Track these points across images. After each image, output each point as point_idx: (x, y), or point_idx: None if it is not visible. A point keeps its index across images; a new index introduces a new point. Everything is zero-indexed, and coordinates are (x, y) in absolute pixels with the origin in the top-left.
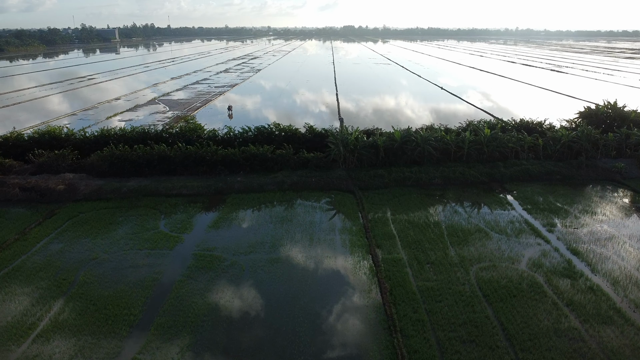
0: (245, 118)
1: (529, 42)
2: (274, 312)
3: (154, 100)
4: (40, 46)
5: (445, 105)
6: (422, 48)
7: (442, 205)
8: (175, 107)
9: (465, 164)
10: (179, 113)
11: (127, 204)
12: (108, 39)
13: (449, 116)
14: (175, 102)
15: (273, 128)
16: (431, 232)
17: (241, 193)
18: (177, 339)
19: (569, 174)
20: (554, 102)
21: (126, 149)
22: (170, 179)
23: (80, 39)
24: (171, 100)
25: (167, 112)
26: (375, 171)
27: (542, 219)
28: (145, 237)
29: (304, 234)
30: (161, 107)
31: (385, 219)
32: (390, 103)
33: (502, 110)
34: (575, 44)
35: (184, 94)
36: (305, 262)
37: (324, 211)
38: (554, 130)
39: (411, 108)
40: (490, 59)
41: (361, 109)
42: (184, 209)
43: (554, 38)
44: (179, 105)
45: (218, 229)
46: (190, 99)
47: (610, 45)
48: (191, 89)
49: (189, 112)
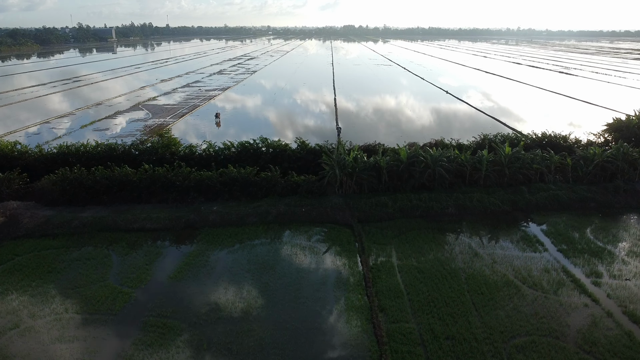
0: (235, 126)
1: (531, 43)
2: None
3: (137, 106)
4: (34, 46)
5: (453, 112)
6: (424, 48)
7: (458, 244)
8: (159, 113)
9: (483, 189)
10: (162, 121)
11: (76, 242)
12: (105, 38)
13: (458, 125)
14: (160, 107)
15: (259, 144)
16: (448, 286)
17: (216, 227)
18: None
19: (604, 200)
20: (572, 109)
21: (82, 171)
22: (134, 209)
23: (77, 38)
24: (156, 105)
25: (149, 119)
26: (378, 198)
27: (583, 266)
28: (87, 294)
29: (287, 290)
30: (143, 113)
31: (390, 265)
32: (392, 109)
33: (516, 119)
34: (578, 44)
35: (172, 99)
36: (286, 337)
37: (314, 254)
38: (583, 146)
39: (416, 114)
40: (495, 60)
41: (361, 115)
42: (144, 250)
43: (556, 38)
44: (163, 112)
45: (181, 280)
46: (177, 104)
47: (614, 46)
48: (180, 92)
49: (173, 120)
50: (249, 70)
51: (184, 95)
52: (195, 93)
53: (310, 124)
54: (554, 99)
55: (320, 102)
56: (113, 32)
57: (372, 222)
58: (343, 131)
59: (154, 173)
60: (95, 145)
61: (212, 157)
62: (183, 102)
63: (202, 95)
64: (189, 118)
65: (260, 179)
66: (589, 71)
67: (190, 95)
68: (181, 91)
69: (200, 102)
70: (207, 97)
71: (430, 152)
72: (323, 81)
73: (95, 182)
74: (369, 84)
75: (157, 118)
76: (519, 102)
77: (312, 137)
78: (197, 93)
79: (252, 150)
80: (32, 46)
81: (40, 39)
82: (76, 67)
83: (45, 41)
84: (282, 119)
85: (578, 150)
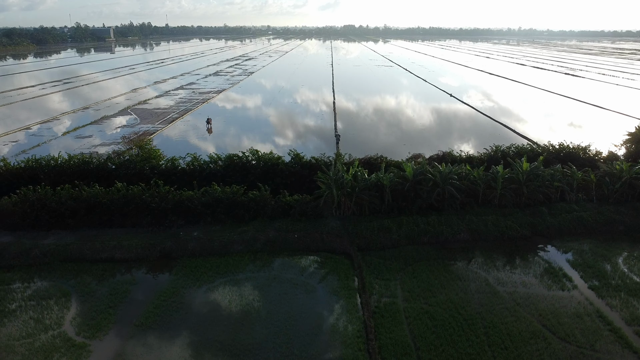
0: (228, 132)
1: (533, 43)
2: None
3: (126, 110)
4: (29, 45)
5: (458, 116)
6: (425, 49)
7: (474, 280)
8: (148, 118)
9: (499, 210)
10: (150, 127)
11: (34, 275)
12: (102, 38)
13: (464, 130)
14: (149, 112)
15: (249, 157)
16: (465, 338)
17: (196, 257)
18: None
19: (634, 223)
20: (585, 114)
21: (46, 190)
22: (103, 234)
23: (74, 38)
24: (145, 110)
25: (137, 125)
26: (380, 222)
27: (621, 309)
28: (36, 347)
29: (274, 345)
30: (132, 118)
31: (395, 309)
32: (395, 114)
33: (525, 124)
34: (581, 44)
35: (163, 102)
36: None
37: (307, 292)
38: (605, 159)
39: (419, 120)
40: (498, 61)
41: (361, 122)
42: (110, 286)
43: (557, 38)
44: (152, 117)
45: (147, 329)
46: (169, 108)
47: (616, 46)
48: (172, 95)
49: (163, 125)
50: (246, 72)
51: (176, 98)
52: (188, 96)
53: (309, 125)
54: (564, 103)
55: (320, 103)
56: (111, 31)
57: (374, 251)
58: (342, 135)
59: (128, 193)
60: (68, 158)
61: (196, 172)
62: (175, 106)
63: (196, 98)
64: (179, 123)
65: (248, 200)
66: (596, 73)
67: (183, 99)
68: (174, 94)
69: (192, 105)
70: (201, 101)
71: (439, 169)
72: (322, 82)
73: (61, 204)
74: (369, 85)
75: (145, 123)
76: (527, 106)
77: (310, 141)
78: (190, 96)
79: (240, 165)
80: (28, 46)
81: (37, 38)
82: (68, 68)
83: (42, 41)
84: (279, 123)
85: (602, 165)
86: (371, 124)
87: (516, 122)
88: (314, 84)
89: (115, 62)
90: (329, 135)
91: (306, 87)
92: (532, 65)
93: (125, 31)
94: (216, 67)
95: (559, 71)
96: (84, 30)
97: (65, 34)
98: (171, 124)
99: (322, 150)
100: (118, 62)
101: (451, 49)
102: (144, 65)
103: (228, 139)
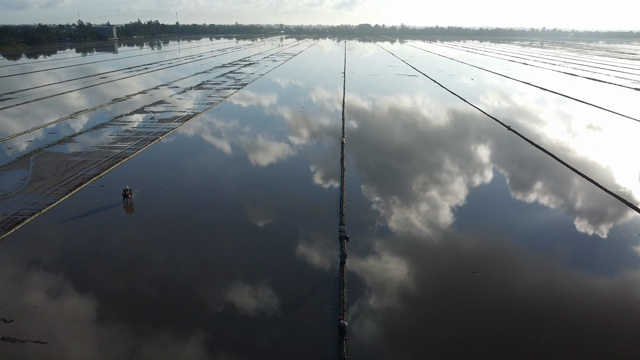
0: (162, 203)
1: (563, 45)
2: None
3: (24, 160)
4: (19, 45)
5: (547, 174)
6: (449, 51)
7: None
8: (44, 176)
9: None
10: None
11: None
12: (104, 37)
13: (541, 191)
14: (58, 162)
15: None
16: None
17: None
18: None
19: None
20: None
21: None
22: None
23: (74, 37)
24: (57, 154)
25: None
26: None
27: None
28: None
29: None
30: (19, 178)
31: None
32: (429, 155)
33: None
34: (617, 47)
35: (89, 138)
36: None
37: None
38: None
39: (466, 170)
40: (540, 69)
41: (381, 185)
42: None
43: (584, 39)
44: (50, 174)
45: None
46: (90, 153)
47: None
48: (117, 126)
49: (53, 199)
50: (237, 83)
51: (118, 130)
52: (140, 126)
53: (302, 187)
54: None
55: (323, 136)
56: (114, 30)
57: None
58: (353, 211)
59: None
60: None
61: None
62: (104, 149)
63: (148, 129)
64: (86, 190)
65: None
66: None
67: (128, 132)
68: (120, 122)
69: (132, 145)
70: (149, 138)
71: None
72: (329, 101)
73: None
74: (390, 102)
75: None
76: (624, 146)
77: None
78: (142, 126)
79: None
80: (18, 46)
81: (30, 38)
82: (30, 75)
83: (35, 40)
84: (251, 187)
85: None
86: (391, 181)
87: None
88: (319, 102)
89: (86, 69)
90: (332, 204)
91: (308, 108)
92: (584, 75)
93: (130, 30)
94: (204, 77)
95: (624, 85)
96: (85, 29)
97: (63, 33)
98: (70, 194)
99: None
100: (89, 69)
101: (478, 51)
102: (121, 73)
103: (161, 221)
